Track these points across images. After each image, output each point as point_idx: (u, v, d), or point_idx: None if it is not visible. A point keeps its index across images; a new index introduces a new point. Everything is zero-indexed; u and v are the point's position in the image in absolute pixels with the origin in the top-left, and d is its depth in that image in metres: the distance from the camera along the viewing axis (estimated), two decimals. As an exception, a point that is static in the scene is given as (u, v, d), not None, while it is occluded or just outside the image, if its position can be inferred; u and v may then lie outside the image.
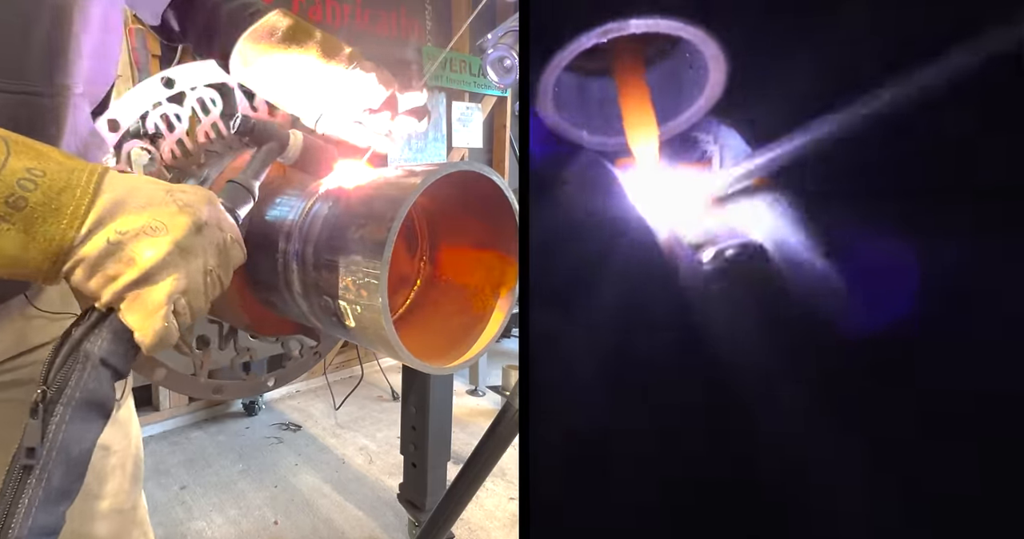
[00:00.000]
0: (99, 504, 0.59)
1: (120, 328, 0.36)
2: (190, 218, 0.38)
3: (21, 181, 0.32)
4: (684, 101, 0.48)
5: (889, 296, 0.35)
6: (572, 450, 0.39)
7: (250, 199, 0.47)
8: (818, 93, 0.37)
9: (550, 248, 0.41)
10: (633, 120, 0.46)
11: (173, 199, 0.38)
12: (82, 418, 0.34)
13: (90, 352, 0.35)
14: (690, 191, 0.45)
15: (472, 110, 2.96)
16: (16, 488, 0.32)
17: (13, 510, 0.31)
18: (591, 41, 0.42)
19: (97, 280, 0.35)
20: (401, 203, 0.46)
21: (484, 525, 1.61)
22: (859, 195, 0.37)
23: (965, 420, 0.33)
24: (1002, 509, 0.32)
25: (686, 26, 0.41)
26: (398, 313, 0.65)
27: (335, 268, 0.49)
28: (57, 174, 0.34)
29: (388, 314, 0.46)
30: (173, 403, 2.13)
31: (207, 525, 1.59)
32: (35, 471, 0.32)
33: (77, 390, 0.34)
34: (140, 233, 0.35)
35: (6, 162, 0.32)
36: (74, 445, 0.34)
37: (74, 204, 0.34)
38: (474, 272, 0.61)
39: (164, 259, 0.36)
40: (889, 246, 0.36)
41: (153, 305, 0.36)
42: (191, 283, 0.38)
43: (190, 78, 0.78)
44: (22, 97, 0.41)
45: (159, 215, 0.36)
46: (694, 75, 0.46)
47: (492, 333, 0.58)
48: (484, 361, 2.56)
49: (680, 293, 0.41)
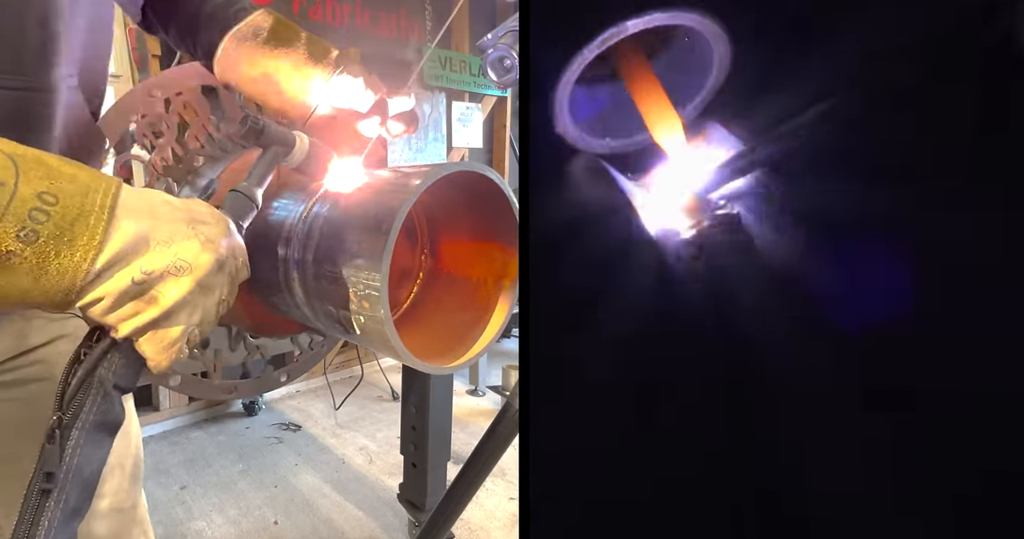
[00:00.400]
0: (99, 503, 0.59)
1: (133, 355, 0.37)
2: (213, 255, 0.38)
3: (33, 212, 0.31)
4: (693, 84, 0.48)
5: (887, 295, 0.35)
6: (574, 452, 0.39)
7: (253, 209, 0.47)
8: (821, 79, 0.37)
9: (552, 249, 0.40)
10: (653, 115, 0.46)
11: (196, 233, 0.37)
12: (95, 439, 0.35)
13: (104, 378, 0.36)
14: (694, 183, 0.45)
15: (472, 110, 2.95)
16: (36, 512, 0.33)
17: (34, 532, 0.32)
18: (592, 53, 0.42)
19: (117, 315, 0.35)
20: (396, 212, 0.46)
21: (484, 525, 1.61)
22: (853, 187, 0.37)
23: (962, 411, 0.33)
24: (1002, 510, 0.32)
25: (682, 14, 0.41)
26: (402, 308, 0.65)
27: (335, 279, 0.49)
28: (70, 199, 0.32)
29: (391, 324, 0.46)
30: (173, 403, 2.12)
31: (207, 525, 1.59)
32: (53, 494, 0.33)
33: (91, 414, 0.35)
34: (165, 273, 0.35)
35: (16, 189, 0.31)
36: (87, 466, 0.35)
37: (88, 233, 0.33)
38: (475, 264, 0.61)
39: (186, 298, 0.36)
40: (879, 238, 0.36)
41: (170, 340, 0.37)
42: (206, 315, 0.38)
43: (174, 83, 0.78)
44: (19, 93, 0.41)
45: (183, 253, 0.36)
46: (698, 58, 0.46)
47: (495, 329, 0.58)
48: (484, 361, 2.56)
49: (683, 291, 0.41)
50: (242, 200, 0.46)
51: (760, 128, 0.43)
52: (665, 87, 0.47)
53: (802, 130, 0.39)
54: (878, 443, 0.34)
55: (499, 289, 0.59)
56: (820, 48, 0.38)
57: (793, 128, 0.40)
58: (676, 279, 0.42)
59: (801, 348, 0.36)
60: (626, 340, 0.39)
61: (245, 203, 0.46)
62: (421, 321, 0.63)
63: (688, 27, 0.43)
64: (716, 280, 0.41)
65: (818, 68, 0.38)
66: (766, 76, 0.43)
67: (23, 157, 0.32)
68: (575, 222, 0.43)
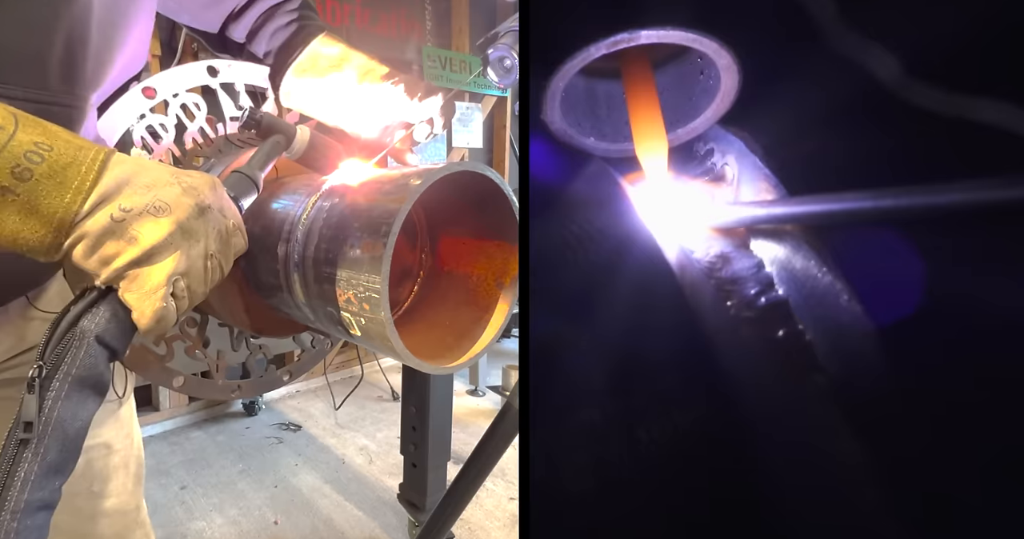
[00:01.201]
0: (103, 503, 0.59)
1: (118, 307, 0.36)
2: (193, 200, 0.38)
3: (28, 154, 0.32)
4: (693, 109, 0.47)
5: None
6: (575, 454, 0.39)
7: (254, 190, 0.47)
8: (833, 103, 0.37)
9: (552, 257, 0.40)
10: (642, 130, 0.45)
11: (178, 181, 0.38)
12: (78, 395, 0.34)
13: (87, 329, 0.35)
14: (699, 206, 0.44)
15: (472, 110, 2.96)
16: (12, 461, 0.32)
17: (10, 483, 0.31)
18: (600, 52, 0.41)
19: (98, 257, 0.35)
20: (396, 214, 0.45)
21: (484, 525, 1.61)
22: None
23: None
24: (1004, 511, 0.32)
25: (699, 38, 0.40)
26: (403, 307, 0.65)
27: (335, 281, 0.49)
28: (64, 149, 0.34)
29: (392, 327, 0.46)
30: (173, 403, 2.13)
31: (207, 525, 1.59)
32: (31, 445, 0.32)
33: (73, 367, 0.34)
34: (144, 212, 0.35)
35: (14, 134, 0.32)
36: (70, 421, 0.34)
37: (79, 179, 0.34)
38: (475, 262, 0.61)
39: (166, 239, 0.36)
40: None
41: (152, 284, 0.36)
42: (191, 265, 0.38)
43: (171, 85, 0.79)
44: (42, 107, 0.42)
45: (163, 195, 0.36)
46: (704, 82, 0.46)
47: (495, 329, 0.58)
48: (484, 361, 2.56)
49: (689, 313, 0.40)
50: (243, 180, 0.46)
51: (750, 169, 0.43)
52: (662, 103, 0.46)
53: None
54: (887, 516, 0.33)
55: (500, 287, 0.59)
56: (831, 96, 0.37)
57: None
58: (680, 285, 0.41)
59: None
60: (627, 342, 0.39)
61: (246, 182, 0.46)
62: (425, 318, 0.63)
63: (702, 52, 0.42)
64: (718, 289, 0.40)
65: (825, 119, 0.37)
66: (772, 119, 0.42)
67: (24, 116, 0.34)
68: (576, 224, 0.43)
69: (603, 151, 0.49)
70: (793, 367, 0.35)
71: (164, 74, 0.79)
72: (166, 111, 0.79)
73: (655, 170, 0.44)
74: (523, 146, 0.43)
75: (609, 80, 0.51)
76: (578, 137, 0.48)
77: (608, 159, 0.48)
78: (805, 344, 0.36)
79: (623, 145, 0.49)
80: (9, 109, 0.33)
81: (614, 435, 0.38)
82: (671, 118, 0.46)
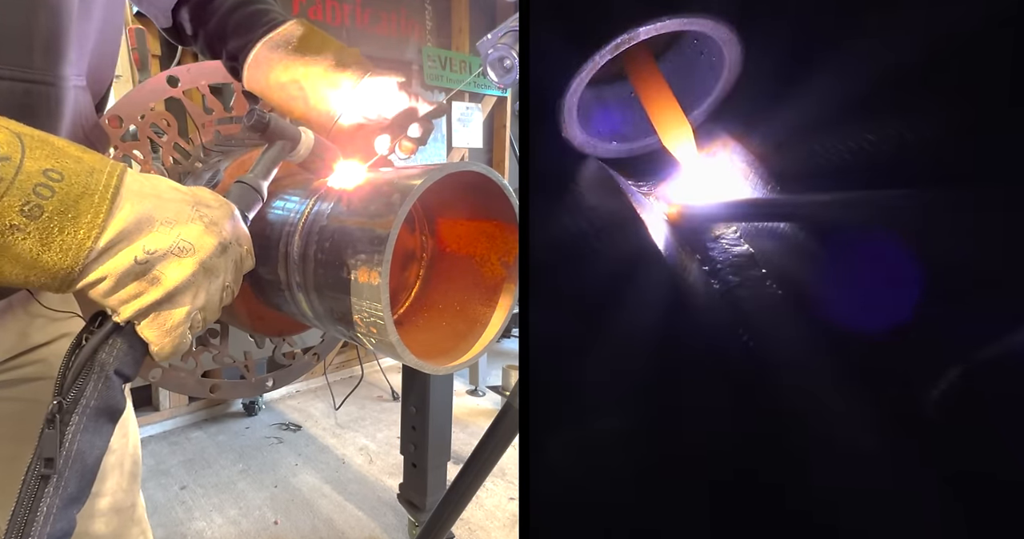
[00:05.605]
0: (98, 502, 0.59)
1: (136, 340, 0.36)
2: (216, 239, 0.37)
3: (38, 188, 0.31)
4: (701, 89, 0.47)
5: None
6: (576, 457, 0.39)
7: (259, 200, 0.46)
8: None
9: (554, 259, 0.40)
10: (663, 119, 0.45)
11: (200, 216, 0.37)
12: (95, 425, 0.35)
13: (106, 363, 0.35)
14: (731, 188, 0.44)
15: (472, 110, 2.95)
16: (34, 497, 0.32)
17: (32, 518, 0.32)
18: (605, 58, 0.41)
19: (119, 296, 0.35)
20: (395, 215, 0.45)
21: (484, 525, 1.61)
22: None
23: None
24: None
25: (694, 20, 0.41)
26: (412, 292, 0.64)
27: (336, 285, 0.49)
28: (75, 176, 0.32)
29: (392, 326, 0.46)
30: (173, 403, 2.13)
31: (207, 525, 1.59)
32: (52, 480, 0.32)
33: (92, 399, 0.34)
34: (168, 254, 0.35)
35: (21, 164, 0.31)
36: (88, 452, 0.34)
37: (92, 211, 0.32)
38: (476, 241, 0.61)
39: (189, 279, 0.36)
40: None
41: (173, 323, 0.36)
42: (209, 300, 0.38)
43: (135, 108, 0.78)
44: (27, 85, 0.41)
45: (187, 234, 0.36)
46: (707, 60, 0.46)
47: (495, 329, 0.58)
48: (484, 361, 2.56)
49: (693, 308, 0.40)
50: (248, 191, 0.45)
51: (771, 138, 0.42)
52: (674, 90, 0.46)
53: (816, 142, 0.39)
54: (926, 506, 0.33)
55: (505, 266, 0.58)
56: (835, 54, 0.37)
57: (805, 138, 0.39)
58: (683, 292, 0.41)
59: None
60: (627, 345, 0.39)
61: (251, 194, 0.45)
62: (432, 307, 0.63)
63: (699, 32, 0.42)
64: (725, 298, 0.40)
65: (832, 76, 0.37)
66: (778, 84, 0.42)
67: (29, 136, 0.32)
68: (577, 228, 0.43)
69: (627, 152, 0.49)
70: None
71: (125, 98, 0.78)
72: (136, 137, 0.78)
73: (686, 155, 0.44)
74: (523, 146, 0.43)
75: (614, 83, 0.51)
76: (601, 145, 0.48)
77: (634, 157, 0.49)
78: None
79: (645, 141, 0.49)
80: (12, 130, 0.32)
81: (614, 435, 0.38)
82: (684, 103, 0.47)
